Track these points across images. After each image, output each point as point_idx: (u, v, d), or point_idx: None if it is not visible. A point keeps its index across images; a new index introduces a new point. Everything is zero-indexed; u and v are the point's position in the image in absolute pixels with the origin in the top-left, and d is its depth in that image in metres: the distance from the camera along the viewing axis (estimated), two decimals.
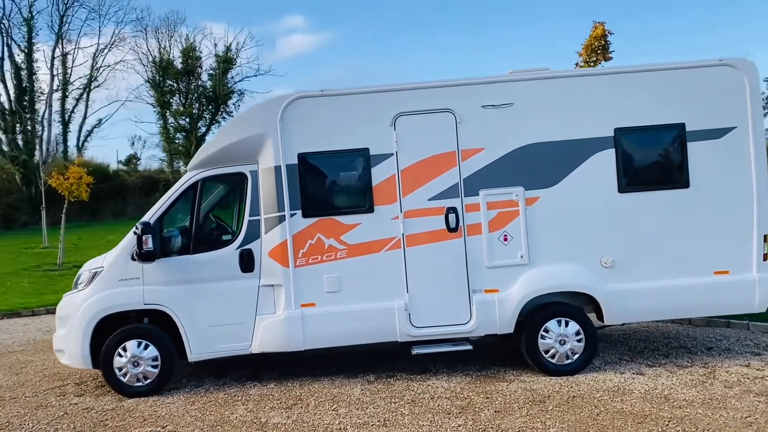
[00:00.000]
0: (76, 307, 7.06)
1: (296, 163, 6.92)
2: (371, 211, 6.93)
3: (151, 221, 6.92)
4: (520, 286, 6.87)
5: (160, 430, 6.01)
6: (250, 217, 7.05)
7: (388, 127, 6.93)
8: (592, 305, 7.05)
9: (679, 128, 6.91)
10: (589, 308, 7.12)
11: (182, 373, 7.63)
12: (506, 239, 6.90)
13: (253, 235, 7.01)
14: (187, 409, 6.53)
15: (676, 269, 6.86)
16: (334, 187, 7.21)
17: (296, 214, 6.91)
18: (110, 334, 6.96)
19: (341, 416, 6.08)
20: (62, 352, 7.20)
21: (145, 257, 6.85)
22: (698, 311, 7.26)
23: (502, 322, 6.88)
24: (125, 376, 6.94)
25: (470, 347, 6.99)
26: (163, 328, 7.01)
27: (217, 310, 6.94)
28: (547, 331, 6.90)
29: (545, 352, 6.92)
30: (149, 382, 6.98)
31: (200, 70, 49.15)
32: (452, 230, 6.90)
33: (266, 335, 6.92)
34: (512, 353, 7.43)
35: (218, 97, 48.23)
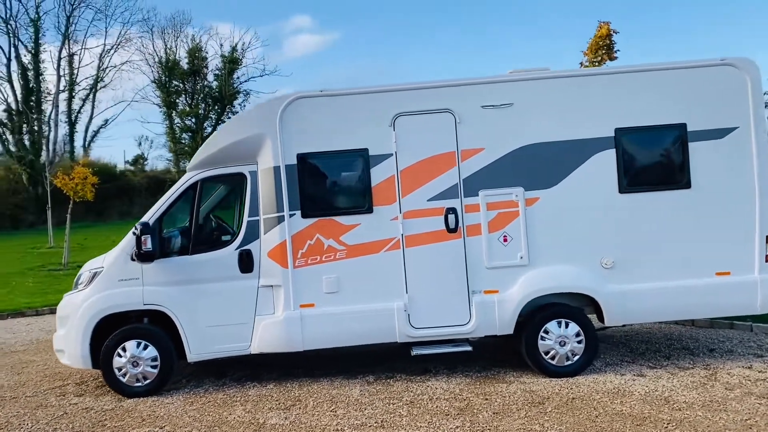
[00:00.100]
0: (76, 307, 7.08)
1: (295, 163, 6.91)
2: (370, 211, 6.91)
3: (150, 222, 6.92)
4: (519, 286, 6.84)
5: (158, 430, 6.02)
6: (249, 217, 7.04)
7: (387, 127, 6.91)
8: (592, 306, 7.00)
9: (680, 128, 6.86)
10: (589, 309, 7.07)
11: (182, 373, 7.63)
12: (506, 240, 6.87)
13: (252, 235, 7.00)
14: (185, 409, 6.53)
15: (677, 270, 6.81)
16: (333, 187, 7.18)
17: (295, 214, 6.90)
18: (110, 334, 6.97)
19: (339, 417, 6.06)
20: (62, 352, 7.22)
21: (144, 258, 6.86)
22: (699, 312, 7.19)
23: (501, 323, 6.85)
24: (125, 376, 6.95)
25: (470, 348, 6.96)
26: (162, 328, 7.01)
27: (216, 310, 6.93)
28: (547, 332, 6.86)
29: (545, 353, 6.88)
30: (149, 382, 6.98)
31: (206, 70, 49.41)
32: (452, 231, 6.87)
33: (265, 336, 6.92)
34: (513, 354, 7.40)
35: (224, 97, 48.41)
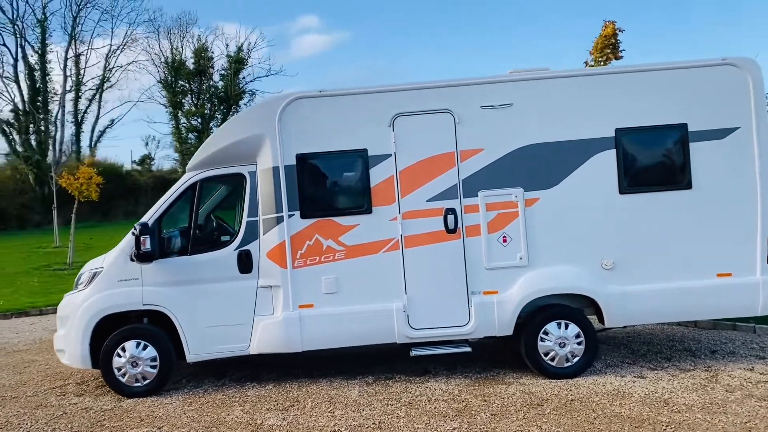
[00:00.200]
0: (76, 307, 7.09)
1: (294, 163, 6.90)
2: (369, 212, 6.90)
3: (149, 222, 6.93)
4: (519, 287, 6.81)
5: (155, 430, 6.02)
6: (248, 218, 7.04)
7: (386, 127, 6.89)
8: (592, 307, 6.96)
9: (681, 128, 6.81)
10: (589, 310, 7.03)
11: (182, 373, 7.64)
12: (505, 240, 6.85)
13: (251, 235, 7.00)
14: (184, 409, 6.53)
15: (677, 271, 6.77)
16: (332, 187, 7.17)
17: (294, 215, 6.89)
18: (110, 334, 6.99)
19: (336, 418, 6.05)
20: (62, 351, 7.24)
21: (143, 258, 6.87)
22: (700, 314, 7.13)
23: (501, 323, 6.82)
24: (124, 376, 6.96)
25: (469, 349, 6.93)
26: (162, 328, 7.02)
27: (215, 310, 6.94)
28: (546, 333, 6.83)
29: (545, 354, 6.85)
30: (148, 382, 6.99)
31: (212, 70, 49.57)
32: (451, 231, 6.85)
33: (264, 336, 6.91)
34: (512, 356, 7.37)
35: (230, 97, 48.53)
